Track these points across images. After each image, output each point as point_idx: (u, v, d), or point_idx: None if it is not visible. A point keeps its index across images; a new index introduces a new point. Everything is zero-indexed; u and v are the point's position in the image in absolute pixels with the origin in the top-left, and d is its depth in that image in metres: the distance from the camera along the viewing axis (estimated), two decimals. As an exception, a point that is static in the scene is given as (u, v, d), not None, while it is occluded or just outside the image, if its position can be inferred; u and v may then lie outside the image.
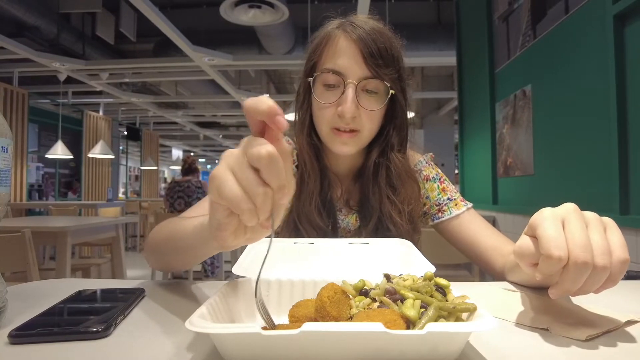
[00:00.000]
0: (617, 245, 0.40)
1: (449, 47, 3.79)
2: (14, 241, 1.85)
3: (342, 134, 0.74)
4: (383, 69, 0.72)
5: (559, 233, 0.40)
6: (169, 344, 0.39)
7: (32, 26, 4.25)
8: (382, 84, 0.73)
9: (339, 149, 0.76)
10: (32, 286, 0.62)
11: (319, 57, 0.76)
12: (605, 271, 0.39)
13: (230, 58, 4.77)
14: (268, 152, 0.31)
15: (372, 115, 0.74)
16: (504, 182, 2.77)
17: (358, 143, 0.76)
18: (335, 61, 0.72)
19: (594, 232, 0.41)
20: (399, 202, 0.79)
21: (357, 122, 0.73)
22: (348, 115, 0.71)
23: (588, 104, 1.83)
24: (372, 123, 0.75)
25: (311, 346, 0.32)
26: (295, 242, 0.65)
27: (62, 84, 5.93)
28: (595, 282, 0.40)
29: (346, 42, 0.72)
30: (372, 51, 0.71)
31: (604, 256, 0.39)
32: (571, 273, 0.39)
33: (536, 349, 0.38)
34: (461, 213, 0.84)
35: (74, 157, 6.20)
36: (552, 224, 0.41)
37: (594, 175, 1.79)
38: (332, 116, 0.74)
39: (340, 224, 0.83)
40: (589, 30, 1.81)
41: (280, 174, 0.32)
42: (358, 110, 0.72)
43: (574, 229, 0.40)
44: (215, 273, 4.27)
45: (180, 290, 0.59)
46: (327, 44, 0.75)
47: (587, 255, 0.38)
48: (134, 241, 7.30)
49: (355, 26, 0.73)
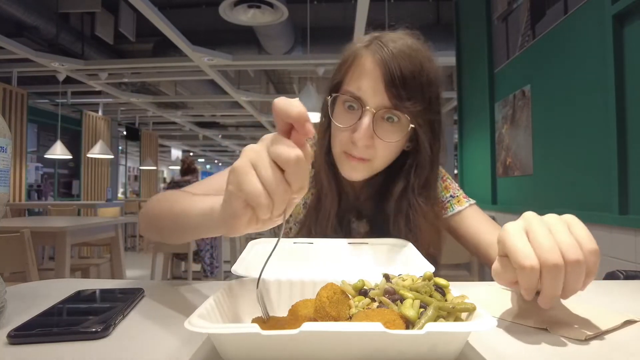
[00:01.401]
0: (583, 238, 0.41)
1: (449, 47, 3.79)
2: (13, 241, 1.85)
3: (352, 159, 0.71)
4: (405, 100, 0.66)
5: (524, 243, 0.41)
6: (168, 344, 0.39)
7: (31, 26, 4.24)
8: (403, 115, 0.67)
9: (348, 174, 0.73)
10: (31, 286, 0.62)
11: (343, 76, 0.72)
12: (580, 265, 0.40)
13: (230, 58, 4.77)
14: (297, 155, 0.33)
15: (387, 145, 0.69)
16: (503, 182, 2.77)
17: (368, 171, 0.73)
18: (357, 84, 0.68)
19: (558, 233, 0.41)
20: (418, 244, 0.73)
21: (369, 152, 0.69)
22: (360, 144, 0.67)
23: (587, 104, 1.83)
24: (386, 153, 0.71)
25: (310, 346, 0.32)
26: (294, 242, 0.65)
27: (61, 84, 5.92)
28: (576, 278, 0.40)
29: (371, 65, 0.67)
30: (394, 78, 0.65)
31: (574, 250, 0.40)
32: (547, 277, 0.40)
33: (535, 349, 0.38)
34: (464, 209, 0.84)
35: (73, 157, 6.20)
36: (517, 236, 0.42)
37: (593, 175, 1.79)
38: (346, 140, 0.70)
39: (351, 233, 0.82)
40: (588, 30, 1.81)
41: (304, 177, 0.34)
42: (372, 140, 0.68)
43: (538, 236, 0.41)
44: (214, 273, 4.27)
45: (180, 291, 0.59)
46: (353, 64, 0.70)
47: (556, 257, 0.39)
48: (133, 241, 7.29)
49: (382, 46, 0.67)
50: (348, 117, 0.70)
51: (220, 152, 17.13)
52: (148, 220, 0.62)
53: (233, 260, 3.82)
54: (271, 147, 0.34)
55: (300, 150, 0.33)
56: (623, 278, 0.77)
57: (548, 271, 0.40)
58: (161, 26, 3.82)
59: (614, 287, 0.64)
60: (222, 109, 8.31)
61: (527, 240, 0.42)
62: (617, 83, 1.61)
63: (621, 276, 0.78)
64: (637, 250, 1.54)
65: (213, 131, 11.16)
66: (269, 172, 0.33)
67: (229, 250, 4.10)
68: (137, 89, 6.96)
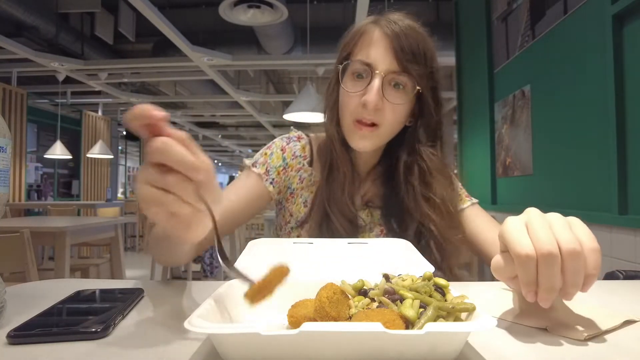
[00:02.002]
0: (584, 236, 0.41)
1: (448, 47, 3.79)
2: (13, 241, 1.85)
3: (362, 128, 0.74)
4: (413, 64, 0.72)
5: (522, 234, 0.41)
6: (168, 344, 0.39)
7: (31, 26, 4.24)
8: (409, 80, 0.73)
9: (357, 143, 0.76)
10: (31, 286, 0.62)
11: (352, 48, 0.76)
12: (578, 256, 0.39)
13: (229, 58, 4.77)
14: (159, 142, 0.34)
15: (395, 109, 0.73)
16: (502, 182, 2.77)
17: (377, 139, 0.76)
18: (366, 52, 0.73)
19: (557, 227, 0.41)
20: (437, 198, 0.77)
21: (379, 115, 0.73)
22: (371, 105, 0.71)
23: (587, 104, 1.83)
24: (394, 118, 0.74)
25: (310, 346, 0.32)
26: (294, 242, 0.65)
27: (61, 84, 5.92)
28: (574, 271, 0.40)
29: (379, 36, 0.73)
30: (403, 46, 0.71)
31: (571, 242, 0.40)
32: (542, 267, 0.39)
33: (535, 348, 0.38)
34: (465, 207, 0.84)
35: (72, 157, 6.20)
36: (516, 228, 0.42)
37: (593, 175, 1.79)
38: (356, 106, 0.73)
39: (360, 222, 0.83)
40: (588, 30, 1.81)
41: (182, 155, 0.35)
42: (382, 102, 0.72)
43: (537, 228, 0.41)
44: (214, 273, 4.27)
45: (179, 291, 0.59)
46: (362, 37, 0.75)
47: (551, 247, 0.39)
48: (133, 241, 7.29)
49: (390, 21, 0.74)
50: (358, 84, 0.74)
51: (220, 152, 17.13)
52: (150, 249, 0.66)
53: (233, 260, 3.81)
54: (145, 158, 0.36)
55: (161, 138, 0.35)
56: (623, 278, 0.77)
57: (543, 260, 0.39)
58: (161, 26, 3.82)
59: (614, 287, 0.64)
60: (222, 109, 8.31)
61: (526, 232, 0.42)
62: (617, 83, 1.61)
63: (621, 276, 0.78)
64: (636, 250, 1.54)
65: (213, 131, 11.15)
66: (150, 173, 0.35)
67: (229, 250, 4.10)
68: (136, 89, 6.96)
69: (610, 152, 1.64)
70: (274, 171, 0.82)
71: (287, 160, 0.84)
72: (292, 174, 0.84)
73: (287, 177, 0.84)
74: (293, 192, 0.85)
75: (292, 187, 0.85)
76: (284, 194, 0.86)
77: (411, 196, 0.78)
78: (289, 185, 0.85)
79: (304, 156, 0.85)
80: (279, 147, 0.85)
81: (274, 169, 0.82)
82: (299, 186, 0.85)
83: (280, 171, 0.83)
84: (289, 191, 0.85)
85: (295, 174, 0.84)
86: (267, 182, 0.81)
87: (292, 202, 0.85)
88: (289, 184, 0.85)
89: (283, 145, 0.85)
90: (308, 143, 0.87)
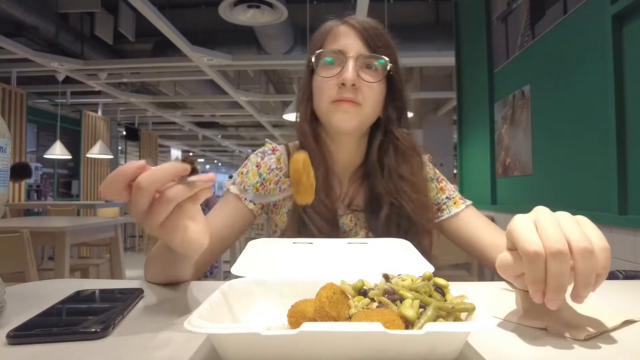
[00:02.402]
0: (595, 235, 0.41)
1: (448, 48, 3.79)
2: (13, 241, 1.85)
3: (343, 103, 0.75)
4: (381, 48, 0.77)
5: (531, 231, 0.41)
6: (168, 344, 0.39)
7: (31, 26, 4.23)
8: (379, 64, 0.77)
9: (340, 119, 0.76)
10: (31, 286, 0.62)
11: (322, 44, 0.80)
12: (591, 254, 0.39)
13: (229, 58, 4.77)
14: (139, 181, 0.41)
15: (372, 88, 0.76)
16: (502, 182, 2.77)
17: (360, 116, 0.77)
18: (337, 43, 0.77)
19: (567, 226, 0.41)
20: (412, 176, 0.79)
21: (358, 94, 0.75)
22: (349, 83, 0.73)
23: (586, 104, 1.83)
24: (373, 97, 0.77)
25: (310, 346, 0.32)
26: (294, 242, 0.65)
27: (61, 84, 5.92)
28: (586, 270, 0.39)
29: (347, 29, 0.78)
30: (370, 35, 0.76)
31: (582, 240, 0.39)
32: (551, 266, 0.39)
33: (534, 348, 0.38)
34: (460, 211, 0.84)
35: (72, 157, 6.19)
36: (524, 226, 0.42)
37: (592, 175, 1.79)
38: (333, 88, 0.75)
39: (341, 227, 0.82)
40: (588, 30, 1.81)
41: (157, 178, 0.41)
42: (359, 80, 0.74)
43: (546, 225, 0.41)
44: (214, 273, 4.27)
45: (179, 291, 0.59)
46: (329, 33, 0.79)
47: (561, 245, 0.39)
48: (132, 241, 7.29)
49: (355, 19, 0.79)
50: (331, 69, 0.77)
51: (220, 152, 17.12)
52: (153, 276, 0.65)
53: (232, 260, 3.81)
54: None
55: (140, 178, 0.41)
56: (622, 278, 0.77)
57: (553, 258, 0.38)
58: (161, 26, 3.82)
59: (614, 287, 0.64)
60: (222, 109, 8.31)
61: (535, 230, 0.41)
62: (617, 83, 1.61)
63: (620, 276, 0.78)
64: (636, 250, 1.54)
65: (213, 131, 11.15)
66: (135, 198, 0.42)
67: (229, 250, 4.10)
68: (136, 89, 6.96)
69: (610, 152, 1.64)
70: (252, 189, 0.83)
71: (264, 175, 0.84)
72: (272, 187, 0.85)
73: (266, 191, 0.85)
74: (276, 203, 0.86)
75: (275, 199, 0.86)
76: (267, 207, 0.87)
77: (386, 176, 0.80)
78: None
79: (280, 167, 0.85)
80: (254, 164, 0.85)
81: (251, 187, 0.83)
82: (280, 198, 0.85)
83: (259, 187, 0.83)
84: (271, 204, 0.86)
85: (274, 186, 0.85)
86: (246, 201, 0.81)
87: (276, 213, 0.86)
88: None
89: (258, 161, 0.86)
90: (283, 152, 0.87)
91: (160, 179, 0.41)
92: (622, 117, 1.60)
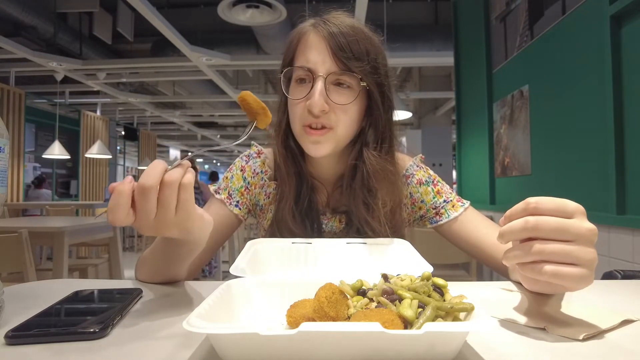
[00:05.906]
0: (583, 218, 0.46)
1: (447, 48, 3.80)
2: (11, 242, 1.84)
3: (313, 133, 0.71)
4: (353, 61, 0.69)
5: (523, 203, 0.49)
6: (166, 344, 0.39)
7: (29, 26, 4.23)
8: (353, 78, 0.70)
9: (311, 149, 0.73)
10: (29, 287, 0.62)
11: (292, 54, 0.75)
12: (559, 221, 0.46)
13: (228, 58, 4.77)
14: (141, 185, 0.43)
15: (345, 110, 0.71)
16: (501, 182, 2.78)
17: (331, 141, 0.72)
18: (306, 57, 0.71)
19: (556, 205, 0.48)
20: (375, 205, 0.75)
21: (327, 117, 0.70)
22: (316, 109, 0.68)
23: (585, 104, 1.84)
24: (346, 118, 0.72)
25: (309, 346, 0.32)
26: (293, 242, 0.65)
27: (59, 83, 5.91)
28: (560, 248, 0.44)
29: (316, 38, 0.71)
30: (340, 45, 0.69)
31: (558, 208, 0.48)
32: (519, 215, 0.48)
33: (533, 348, 0.38)
34: (459, 215, 0.81)
35: (71, 157, 6.18)
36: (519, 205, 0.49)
37: (591, 175, 1.80)
38: (303, 112, 0.71)
39: (324, 228, 0.81)
40: (586, 30, 1.82)
41: (158, 171, 0.43)
42: (327, 105, 0.69)
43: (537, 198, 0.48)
44: (212, 273, 4.27)
45: (178, 291, 0.59)
46: (299, 42, 0.74)
47: (534, 200, 0.49)
48: (131, 241, 7.28)
49: (327, 23, 0.72)
50: (301, 89, 0.72)
51: (219, 152, 17.11)
52: (146, 276, 0.64)
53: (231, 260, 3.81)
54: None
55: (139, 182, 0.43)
56: (620, 278, 0.77)
57: (523, 208, 0.49)
58: (159, 26, 3.81)
59: (612, 286, 0.65)
60: (221, 109, 8.30)
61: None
62: (615, 83, 1.61)
63: (619, 276, 0.78)
64: (634, 250, 1.55)
65: (211, 131, 11.15)
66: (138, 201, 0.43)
67: (228, 250, 4.10)
68: (135, 88, 6.95)
69: (609, 152, 1.64)
70: (237, 193, 0.82)
71: (248, 179, 0.83)
72: (257, 191, 0.84)
73: (251, 195, 0.84)
74: (262, 208, 0.85)
75: (260, 203, 0.85)
76: (254, 212, 0.86)
77: (352, 201, 0.77)
78: (257, 202, 0.85)
79: (265, 171, 0.84)
80: (238, 168, 0.85)
81: (236, 191, 0.82)
82: (266, 202, 0.84)
83: (243, 192, 0.83)
84: (258, 208, 0.86)
85: (259, 190, 0.84)
86: (231, 206, 0.81)
87: (263, 217, 0.85)
88: (255, 201, 0.85)
89: (242, 165, 0.85)
90: (269, 156, 0.86)
91: (159, 171, 0.43)
92: (621, 117, 1.61)
